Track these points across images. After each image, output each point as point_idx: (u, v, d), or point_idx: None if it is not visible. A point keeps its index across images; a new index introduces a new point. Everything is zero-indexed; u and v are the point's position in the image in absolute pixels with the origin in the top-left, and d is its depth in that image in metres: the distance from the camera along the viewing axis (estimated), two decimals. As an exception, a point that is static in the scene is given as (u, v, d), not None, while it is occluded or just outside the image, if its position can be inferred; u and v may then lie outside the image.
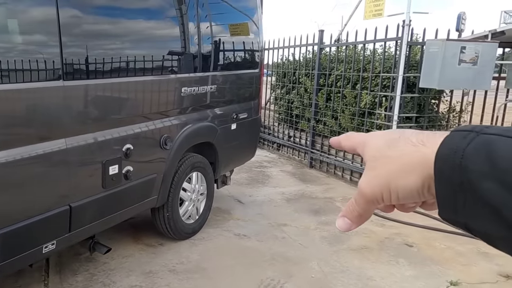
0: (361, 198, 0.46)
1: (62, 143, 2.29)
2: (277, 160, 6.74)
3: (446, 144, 0.39)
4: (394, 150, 0.44)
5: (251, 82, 4.17)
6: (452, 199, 0.38)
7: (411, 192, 0.42)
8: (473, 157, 0.37)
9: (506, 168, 0.35)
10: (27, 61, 2.10)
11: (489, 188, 0.35)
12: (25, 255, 2.22)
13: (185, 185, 3.51)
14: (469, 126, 0.40)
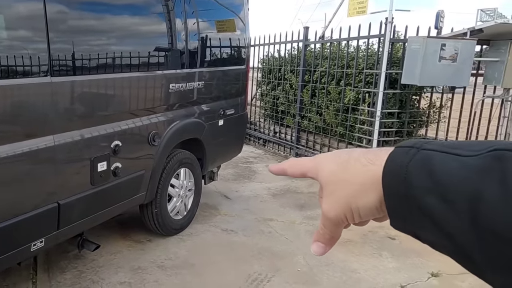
0: (327, 221, 0.48)
1: (50, 140, 2.25)
2: (263, 155, 6.75)
3: (391, 160, 0.42)
4: (347, 173, 0.46)
5: (238, 78, 4.16)
6: (400, 211, 0.41)
7: (370, 210, 0.45)
8: (415, 172, 0.39)
9: (445, 183, 0.37)
10: (14, 57, 2.05)
11: (431, 203, 0.38)
12: (13, 253, 2.18)
13: (173, 181, 3.49)
14: (410, 141, 0.42)
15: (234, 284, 2.93)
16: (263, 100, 7.35)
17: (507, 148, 0.36)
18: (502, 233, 0.33)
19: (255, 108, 7.49)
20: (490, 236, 0.34)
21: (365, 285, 2.97)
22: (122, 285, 2.83)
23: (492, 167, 0.35)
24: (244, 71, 4.22)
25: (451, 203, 0.36)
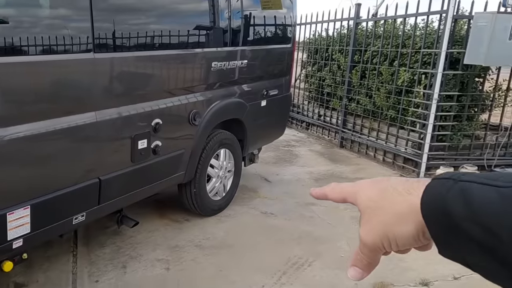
0: (365, 248, 0.50)
1: (92, 117, 2.34)
2: (305, 139, 6.71)
3: (429, 192, 0.44)
4: (385, 201, 0.48)
5: (283, 57, 4.12)
6: (446, 240, 0.42)
7: (408, 239, 0.46)
8: (454, 203, 0.41)
9: (486, 214, 0.38)
10: (59, 33, 2.13)
11: (474, 232, 0.39)
12: (57, 225, 2.32)
13: (212, 161, 3.55)
14: (447, 173, 0.44)
15: (273, 266, 2.97)
16: (308, 82, 7.25)
17: None
18: None
19: (298, 90, 7.40)
20: None
21: (413, 275, 2.92)
22: (160, 261, 2.95)
23: None
24: (290, 50, 4.17)
25: (494, 233, 0.38)
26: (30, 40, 1.99)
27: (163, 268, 2.88)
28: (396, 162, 5.30)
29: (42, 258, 2.86)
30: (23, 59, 1.98)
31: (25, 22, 2.01)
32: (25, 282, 2.62)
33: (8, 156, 1.99)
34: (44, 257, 2.87)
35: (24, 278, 2.66)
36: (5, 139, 1.94)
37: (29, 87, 2.04)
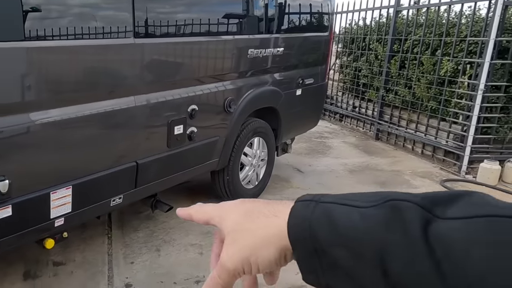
0: (224, 272, 0.47)
1: (131, 101, 2.42)
2: (339, 131, 6.66)
3: (294, 215, 0.43)
4: (251, 223, 0.46)
5: (319, 46, 4.10)
6: (311, 265, 0.42)
7: (269, 263, 0.45)
8: (318, 226, 0.41)
9: (350, 236, 0.39)
10: (100, 18, 2.21)
11: (339, 256, 0.40)
12: (95, 206, 2.43)
13: (246, 149, 3.59)
14: (309, 195, 0.45)
15: None
16: (343, 72, 7.17)
17: (402, 198, 0.39)
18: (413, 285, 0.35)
19: (332, 81, 7.33)
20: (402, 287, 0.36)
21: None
22: (193, 246, 3.03)
23: (392, 218, 0.38)
24: (327, 39, 4.14)
25: (358, 255, 0.38)
26: (72, 25, 2.07)
27: (196, 252, 2.96)
28: (436, 155, 5.20)
29: (79, 239, 2.99)
30: (65, 43, 2.07)
31: (67, 7, 2.08)
32: (63, 261, 2.76)
33: (51, 138, 2.09)
34: (80, 239, 3.01)
35: (62, 257, 2.79)
36: (48, 122, 2.04)
37: (71, 71, 2.13)
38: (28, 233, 2.14)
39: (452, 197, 0.38)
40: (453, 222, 0.36)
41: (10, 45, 1.83)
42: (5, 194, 1.90)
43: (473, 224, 0.35)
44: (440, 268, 0.34)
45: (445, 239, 0.35)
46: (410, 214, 0.37)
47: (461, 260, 0.33)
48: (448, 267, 0.34)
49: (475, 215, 0.35)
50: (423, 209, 0.38)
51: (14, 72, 1.88)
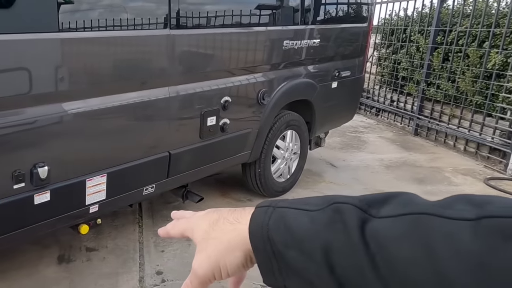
0: (195, 278, 0.52)
1: (165, 92, 2.49)
2: (375, 126, 6.58)
3: (253, 220, 0.48)
4: (217, 231, 0.51)
5: (357, 37, 4.06)
6: (270, 266, 0.47)
7: (237, 266, 0.50)
8: (275, 230, 0.46)
9: (300, 237, 0.44)
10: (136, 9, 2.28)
11: (292, 256, 0.44)
12: (129, 194, 2.53)
13: (278, 142, 3.62)
14: (267, 201, 0.50)
15: None
16: (381, 65, 7.06)
17: (343, 201, 0.44)
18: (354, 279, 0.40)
19: (369, 74, 7.22)
20: (347, 282, 0.41)
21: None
22: (222, 238, 3.09)
23: (335, 219, 0.43)
24: (366, 30, 4.09)
25: (308, 255, 0.43)
26: (109, 16, 2.15)
27: (226, 244, 3.03)
28: (480, 152, 5.06)
29: (110, 227, 3.12)
30: (99, 34, 2.14)
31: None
32: (96, 247, 2.89)
33: (87, 127, 2.19)
34: (112, 226, 3.13)
35: (95, 243, 2.92)
36: (84, 111, 2.14)
37: (105, 62, 2.21)
38: (64, 218, 2.27)
39: (385, 198, 0.43)
40: (385, 220, 0.41)
41: (45, 36, 1.92)
42: (44, 180, 2.01)
43: (400, 221, 0.40)
44: (374, 261, 0.39)
45: (378, 235, 0.40)
46: (349, 215, 0.42)
47: (390, 253, 0.38)
48: (380, 259, 0.39)
49: (402, 213, 0.40)
50: (360, 210, 0.43)
51: (50, 63, 1.97)
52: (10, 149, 1.92)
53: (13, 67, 1.85)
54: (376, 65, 7.19)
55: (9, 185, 1.94)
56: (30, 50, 1.88)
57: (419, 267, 0.37)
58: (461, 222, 0.37)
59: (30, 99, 1.93)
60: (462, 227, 0.36)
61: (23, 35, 1.83)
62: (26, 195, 2.01)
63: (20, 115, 1.91)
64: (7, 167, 1.92)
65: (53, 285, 2.49)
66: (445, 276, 0.35)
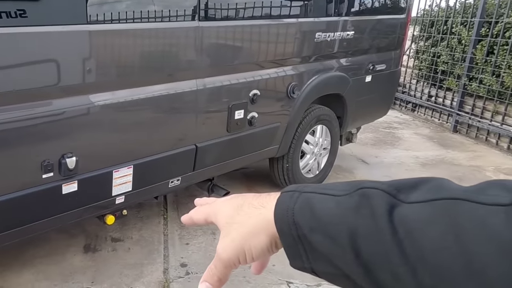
0: (219, 262, 0.54)
1: (193, 84, 2.53)
2: (410, 121, 6.46)
3: (279, 205, 0.50)
4: (242, 215, 0.53)
5: (394, 29, 3.98)
6: (297, 250, 0.48)
7: (262, 250, 0.52)
8: (300, 214, 0.47)
9: (325, 221, 0.45)
10: (163, 0, 2.32)
11: (317, 240, 0.46)
12: (154, 186, 2.60)
13: (308, 137, 3.62)
14: (293, 186, 0.51)
15: None
16: (418, 58, 6.90)
17: (371, 186, 0.45)
18: (380, 264, 0.41)
19: (406, 68, 7.06)
20: (373, 266, 0.42)
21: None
22: (248, 233, 3.14)
23: (362, 204, 0.44)
24: (403, 22, 4.01)
25: (334, 239, 0.44)
26: (137, 8, 2.18)
27: (252, 238, 3.07)
28: (525, 150, 4.91)
29: (135, 218, 3.21)
30: (129, 26, 2.19)
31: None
32: (121, 238, 2.98)
33: (114, 119, 2.26)
34: (137, 218, 3.22)
35: (120, 234, 3.02)
36: (112, 103, 2.20)
37: (135, 54, 2.27)
38: (90, 208, 2.35)
39: (416, 184, 0.44)
40: (414, 206, 0.41)
41: (74, 28, 1.98)
42: (72, 170, 2.09)
43: (430, 206, 0.40)
44: (402, 246, 0.40)
45: (407, 220, 0.41)
46: (377, 200, 0.43)
47: (419, 238, 0.39)
48: (408, 244, 0.39)
49: (432, 198, 0.41)
50: (389, 195, 0.43)
51: (79, 55, 2.04)
52: (40, 139, 2.00)
53: (42, 59, 1.92)
54: (414, 58, 7.04)
55: (38, 175, 2.02)
56: (59, 42, 1.95)
57: (448, 253, 0.37)
58: (495, 207, 0.37)
59: (59, 90, 2.00)
60: (495, 212, 0.36)
61: (52, 27, 1.89)
62: (55, 185, 2.10)
63: (50, 106, 1.99)
64: (36, 157, 2.00)
65: (79, 273, 2.60)
66: (476, 263, 0.35)
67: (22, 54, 1.85)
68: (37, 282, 2.51)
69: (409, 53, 7.05)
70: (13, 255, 2.66)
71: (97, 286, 2.51)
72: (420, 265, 0.38)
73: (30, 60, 1.89)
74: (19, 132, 1.92)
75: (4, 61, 1.82)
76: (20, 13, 1.74)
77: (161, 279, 2.61)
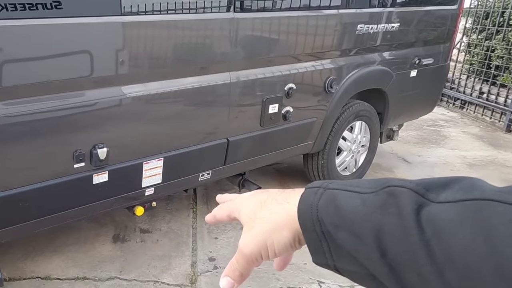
0: (241, 257, 0.55)
1: (226, 77, 2.56)
2: (458, 119, 6.28)
3: (303, 200, 0.51)
4: (265, 211, 0.54)
5: (445, 21, 3.87)
6: (320, 247, 0.49)
7: (285, 246, 0.52)
8: (325, 210, 0.48)
9: (351, 219, 0.46)
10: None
11: (341, 237, 0.46)
12: (184, 179, 2.67)
13: (345, 133, 3.60)
14: (318, 182, 0.52)
15: None
16: (470, 52, 6.66)
17: (398, 185, 0.45)
18: (406, 263, 0.41)
19: (455, 62, 6.83)
20: (398, 266, 0.42)
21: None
22: (279, 231, 3.17)
23: (389, 202, 0.44)
24: (455, 13, 3.88)
25: (359, 237, 0.45)
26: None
27: (283, 235, 3.10)
28: None
29: (164, 210, 3.30)
30: (164, 18, 2.24)
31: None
32: (149, 229, 3.08)
33: (146, 110, 2.32)
34: (166, 210, 3.31)
35: (149, 225, 3.12)
36: (144, 95, 2.27)
37: (168, 46, 2.31)
38: (120, 199, 2.44)
39: (446, 183, 0.44)
40: (444, 205, 0.42)
41: (108, 20, 2.04)
42: (103, 160, 2.18)
43: (461, 206, 0.40)
44: (429, 246, 0.40)
45: (435, 220, 0.41)
46: (405, 199, 0.44)
47: (447, 238, 0.39)
48: (436, 245, 0.40)
49: (463, 199, 0.41)
50: (417, 194, 0.44)
51: (112, 46, 2.10)
52: (72, 130, 2.09)
53: (76, 50, 2.00)
54: (465, 52, 6.81)
55: (70, 164, 2.12)
56: (93, 34, 2.02)
57: (478, 255, 0.37)
58: None
59: (92, 81, 2.08)
60: None
61: (86, 19, 1.96)
62: (86, 175, 2.19)
63: (83, 97, 2.07)
64: (68, 147, 2.09)
65: (107, 262, 2.71)
66: (507, 265, 0.35)
67: (57, 46, 1.93)
68: (66, 268, 2.64)
69: (459, 47, 6.83)
70: (45, 242, 2.81)
71: (125, 276, 2.61)
72: (447, 266, 0.39)
73: (65, 51, 1.96)
74: (52, 122, 2.02)
75: (39, 52, 1.90)
76: (55, 4, 1.82)
77: (189, 272, 2.69)
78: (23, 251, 2.73)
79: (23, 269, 2.60)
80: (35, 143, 2.01)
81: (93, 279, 2.57)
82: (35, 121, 1.97)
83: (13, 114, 1.90)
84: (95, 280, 2.56)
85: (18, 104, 1.90)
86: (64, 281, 2.54)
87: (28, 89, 1.91)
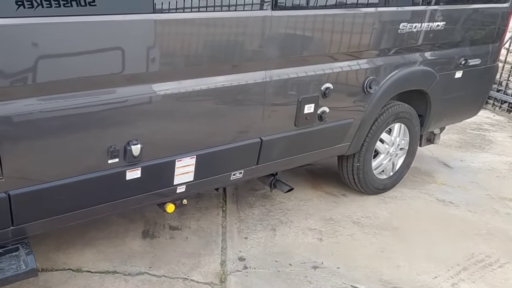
0: None
1: (262, 76, 2.62)
2: (505, 123, 6.13)
3: None
4: None
5: (494, 20, 3.79)
6: None
7: None
8: None
9: None
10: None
11: None
12: (216, 178, 2.75)
13: (383, 135, 3.60)
14: None
15: (450, 259, 3.05)
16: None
17: None
18: None
19: (504, 63, 6.62)
20: None
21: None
22: (312, 231, 3.23)
23: None
24: (506, 11, 3.80)
25: None
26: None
27: (315, 237, 3.17)
28: None
29: (194, 208, 3.39)
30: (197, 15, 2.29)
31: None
32: (179, 226, 3.18)
33: (180, 108, 2.41)
34: (196, 208, 3.41)
35: (178, 223, 3.22)
36: (178, 92, 2.34)
37: (202, 44, 2.37)
38: (152, 195, 2.55)
39: None
40: None
41: (140, 17, 2.10)
42: (137, 157, 2.28)
43: None
44: None
45: None
46: None
47: None
48: None
49: None
50: None
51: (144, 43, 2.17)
52: (107, 126, 2.19)
53: (109, 47, 2.07)
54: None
55: (105, 160, 2.22)
56: (126, 31, 2.09)
57: None
58: None
59: (125, 79, 2.16)
60: None
61: (119, 16, 2.04)
62: (119, 170, 2.30)
63: (117, 93, 2.16)
64: (103, 142, 2.19)
65: (137, 258, 2.82)
66: None
67: (91, 43, 2.01)
68: (97, 261, 2.76)
69: (508, 47, 6.64)
70: (76, 235, 2.94)
71: (155, 271, 2.72)
72: None
73: (98, 48, 2.04)
74: (88, 118, 2.11)
75: (73, 49, 1.98)
76: (89, 1, 1.91)
77: (218, 270, 2.78)
78: (55, 243, 2.87)
79: (55, 261, 2.75)
80: (69, 138, 2.11)
81: (123, 273, 2.69)
82: (69, 117, 2.06)
83: (47, 109, 2.00)
84: (125, 274, 2.68)
85: (52, 100, 2.00)
86: (94, 274, 2.67)
87: (61, 85, 2.00)
